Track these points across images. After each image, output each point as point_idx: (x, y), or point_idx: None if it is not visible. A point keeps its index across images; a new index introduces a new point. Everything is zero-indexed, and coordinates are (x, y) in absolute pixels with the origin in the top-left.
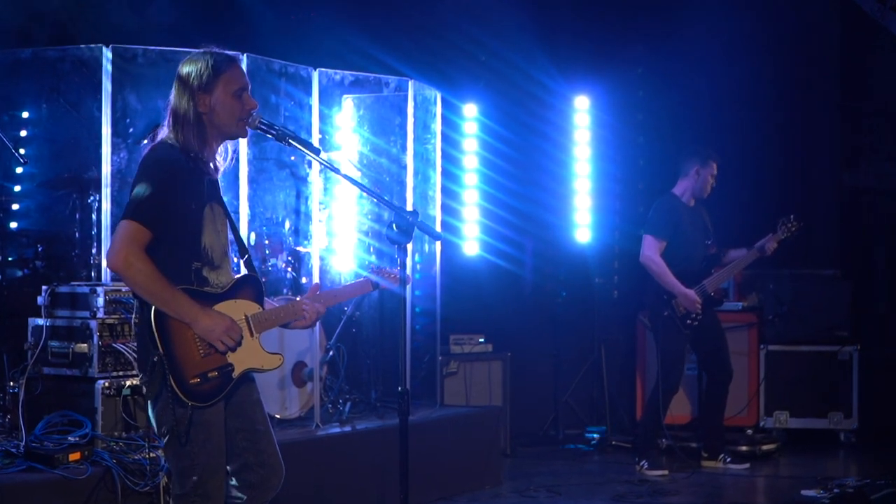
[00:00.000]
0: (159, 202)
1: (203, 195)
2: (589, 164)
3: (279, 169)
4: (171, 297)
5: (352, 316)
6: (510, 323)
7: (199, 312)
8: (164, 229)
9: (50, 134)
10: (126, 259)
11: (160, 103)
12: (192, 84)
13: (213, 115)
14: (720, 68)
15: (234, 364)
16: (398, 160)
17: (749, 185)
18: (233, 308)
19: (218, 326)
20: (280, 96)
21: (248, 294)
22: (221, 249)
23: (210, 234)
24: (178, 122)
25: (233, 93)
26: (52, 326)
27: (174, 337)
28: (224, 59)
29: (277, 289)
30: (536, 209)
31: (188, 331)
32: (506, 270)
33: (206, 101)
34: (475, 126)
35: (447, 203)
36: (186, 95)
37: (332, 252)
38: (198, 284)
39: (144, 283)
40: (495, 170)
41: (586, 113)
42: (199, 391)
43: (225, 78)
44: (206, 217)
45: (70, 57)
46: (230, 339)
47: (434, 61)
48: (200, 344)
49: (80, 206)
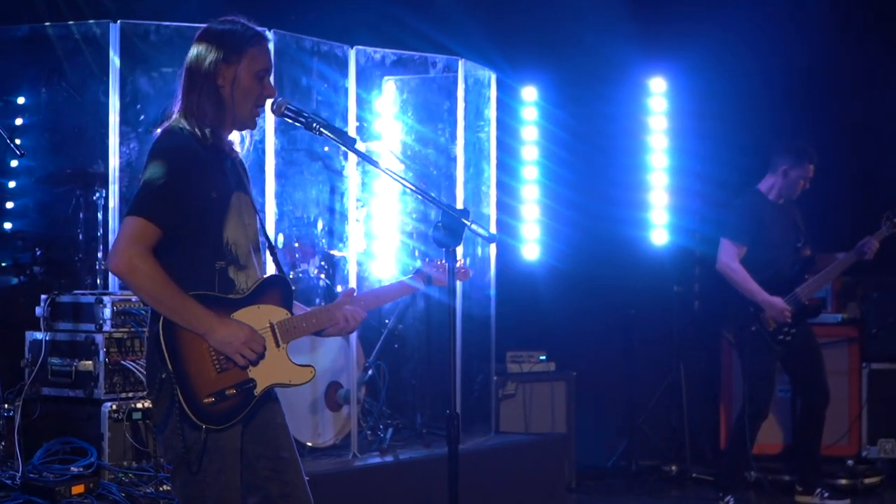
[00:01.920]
0: (171, 193)
1: (227, 182)
2: (666, 156)
3: (311, 161)
4: (180, 305)
5: (394, 329)
6: (575, 338)
7: (214, 322)
8: (178, 225)
9: (50, 122)
10: (129, 261)
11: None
12: (215, 50)
13: (233, 92)
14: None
15: (256, 380)
16: (447, 151)
17: (847, 176)
18: (255, 315)
19: (236, 337)
20: (312, 78)
21: (274, 297)
22: (248, 245)
23: (235, 227)
24: (193, 89)
25: (255, 73)
26: (53, 341)
27: (185, 351)
28: (253, 33)
29: (309, 298)
30: (605, 207)
31: (202, 343)
32: (570, 277)
33: (228, 74)
34: (535, 112)
35: (503, 200)
36: (208, 61)
37: (370, 256)
38: (222, 289)
39: (150, 288)
40: (558, 162)
41: (663, 97)
42: (214, 412)
43: (251, 54)
44: (232, 207)
45: (73, 34)
46: (251, 351)
47: (488, 37)
48: (216, 358)
49: (85, 204)
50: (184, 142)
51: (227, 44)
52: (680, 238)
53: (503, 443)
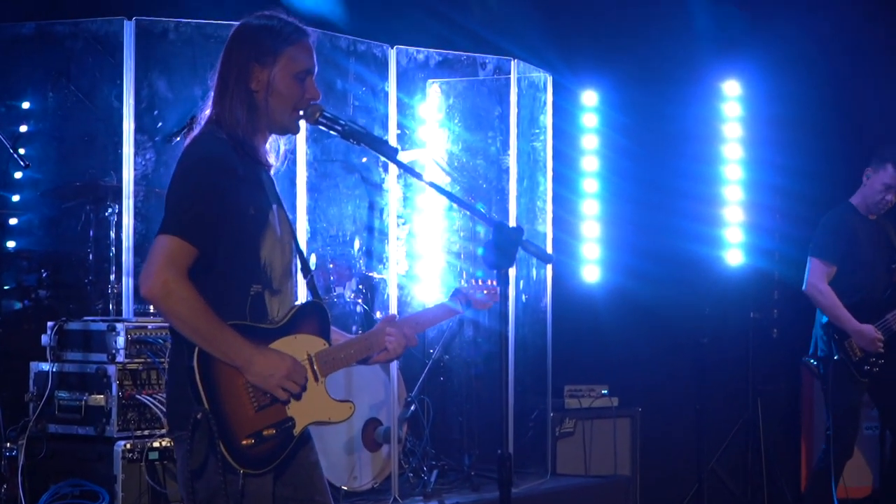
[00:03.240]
0: (208, 209)
1: (264, 195)
2: (741, 168)
3: (347, 174)
4: (219, 335)
5: (439, 360)
6: (641, 370)
7: (254, 353)
8: (213, 245)
9: (57, 129)
10: (165, 284)
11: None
12: (247, 51)
13: (268, 97)
14: None
15: (295, 418)
16: (498, 162)
17: None
18: (292, 346)
19: (278, 369)
20: (348, 81)
21: (311, 326)
22: (283, 266)
23: (272, 246)
24: (225, 96)
25: (294, 74)
26: (60, 373)
27: (222, 386)
28: (293, 29)
29: (345, 325)
30: (674, 224)
31: (238, 378)
32: (635, 302)
33: (262, 77)
34: (596, 118)
35: (561, 216)
36: (239, 64)
37: (413, 279)
38: (254, 316)
39: (188, 315)
40: (621, 174)
41: (737, 101)
42: (253, 455)
43: (290, 53)
44: (269, 225)
45: (83, 33)
46: (293, 384)
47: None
48: (253, 394)
49: (95, 220)
50: (220, 150)
51: (260, 43)
52: (757, 259)
53: (560, 486)
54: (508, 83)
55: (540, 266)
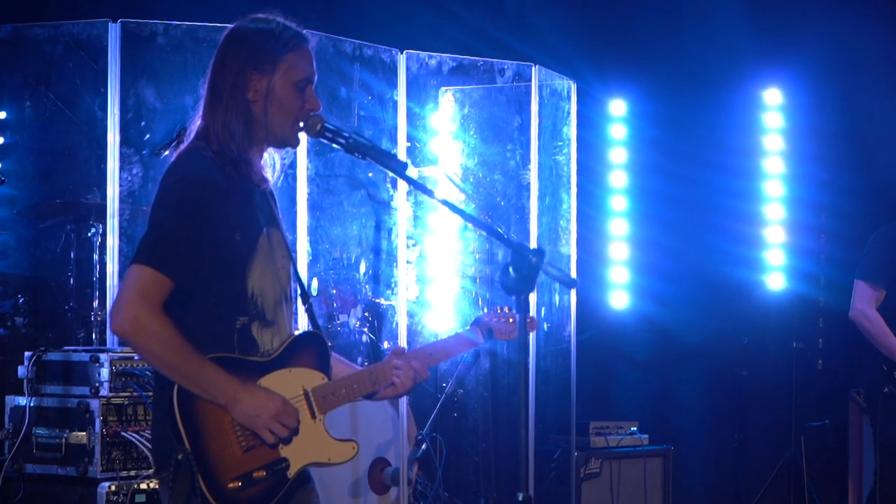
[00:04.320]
0: (186, 237)
1: (254, 219)
2: (783, 184)
3: (352, 190)
4: (197, 371)
5: (452, 395)
6: (673, 405)
7: (239, 390)
8: (192, 275)
9: (35, 142)
10: (136, 320)
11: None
12: (244, 57)
13: (266, 108)
14: None
15: (289, 459)
16: (517, 177)
17: None
18: (287, 380)
19: (265, 409)
20: (353, 89)
21: (308, 359)
22: (277, 295)
23: (262, 273)
24: (217, 104)
25: (294, 83)
26: (39, 408)
27: (205, 425)
28: (293, 35)
29: (349, 356)
30: (711, 245)
31: (224, 416)
32: (667, 331)
33: (259, 86)
34: (625, 129)
35: (586, 237)
36: (233, 71)
37: (424, 306)
38: (242, 350)
39: (162, 352)
40: (653, 191)
41: (779, 111)
42: (242, 499)
43: (289, 61)
44: (260, 250)
45: (63, 36)
46: (282, 426)
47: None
48: (241, 434)
49: (77, 241)
50: (203, 170)
51: (259, 49)
52: (800, 284)
53: None
54: (529, 91)
55: (563, 291)
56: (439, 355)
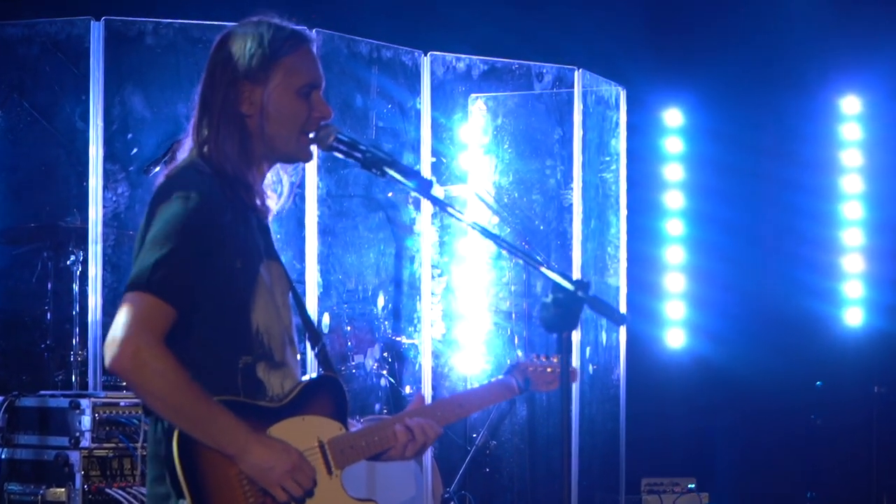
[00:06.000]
0: (187, 260)
1: (254, 246)
2: (863, 206)
3: (369, 212)
4: (205, 414)
5: (484, 447)
6: (737, 458)
7: (251, 440)
8: (195, 304)
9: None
10: (136, 354)
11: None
12: (234, 66)
13: (264, 121)
14: None
15: None
16: (558, 197)
17: None
18: (300, 430)
19: (279, 464)
20: (370, 96)
21: (324, 406)
22: (283, 334)
23: (266, 308)
24: (209, 125)
25: (297, 89)
26: (11, 460)
27: (209, 478)
28: (288, 35)
29: (366, 403)
30: (779, 276)
31: (231, 468)
32: (730, 373)
33: (255, 97)
34: (681, 143)
35: (637, 266)
36: (223, 84)
37: (452, 345)
38: (247, 393)
39: (165, 391)
40: (714, 214)
41: (858, 122)
42: None
43: (287, 64)
44: (261, 282)
45: (39, 36)
46: (295, 484)
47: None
48: (249, 489)
49: (55, 270)
50: (205, 188)
51: (249, 56)
52: (881, 319)
53: None
54: (571, 98)
55: (611, 329)
56: (470, 406)
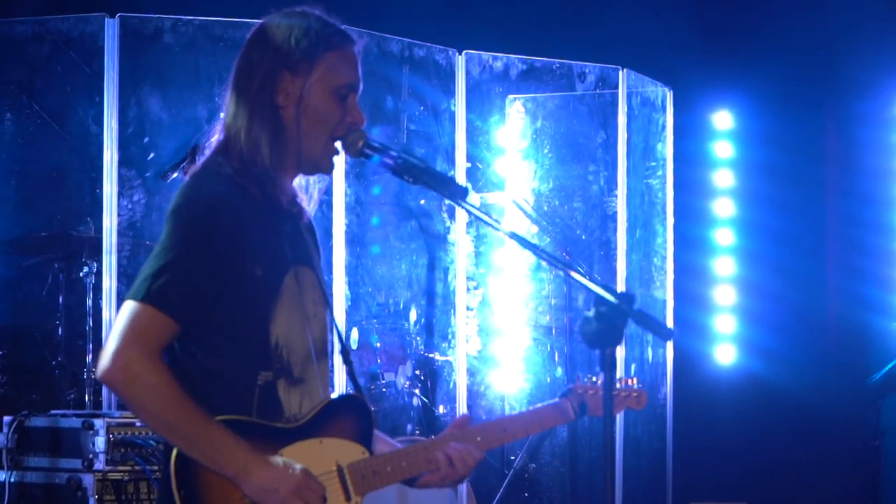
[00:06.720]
0: (192, 269)
1: (280, 252)
2: None
3: (400, 221)
4: (201, 433)
5: (522, 470)
6: (791, 481)
7: (251, 461)
8: (203, 317)
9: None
10: (127, 367)
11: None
12: (276, 53)
13: (298, 116)
14: None
15: None
16: (601, 205)
17: None
18: (316, 453)
19: (283, 485)
20: (401, 98)
21: (345, 428)
22: (308, 348)
23: (289, 319)
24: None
25: (334, 89)
26: (20, 484)
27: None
28: (334, 32)
29: (397, 423)
30: (837, 288)
31: (234, 492)
32: (783, 391)
33: (293, 89)
34: (731, 147)
35: (685, 278)
36: (262, 70)
37: (488, 362)
38: (262, 413)
39: (156, 407)
40: (766, 223)
41: None
42: None
43: (330, 60)
44: (286, 291)
45: (51, 34)
46: None
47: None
48: None
49: (66, 283)
50: (219, 190)
51: (293, 45)
52: None
53: None
54: (615, 100)
55: (657, 345)
56: (516, 430)
